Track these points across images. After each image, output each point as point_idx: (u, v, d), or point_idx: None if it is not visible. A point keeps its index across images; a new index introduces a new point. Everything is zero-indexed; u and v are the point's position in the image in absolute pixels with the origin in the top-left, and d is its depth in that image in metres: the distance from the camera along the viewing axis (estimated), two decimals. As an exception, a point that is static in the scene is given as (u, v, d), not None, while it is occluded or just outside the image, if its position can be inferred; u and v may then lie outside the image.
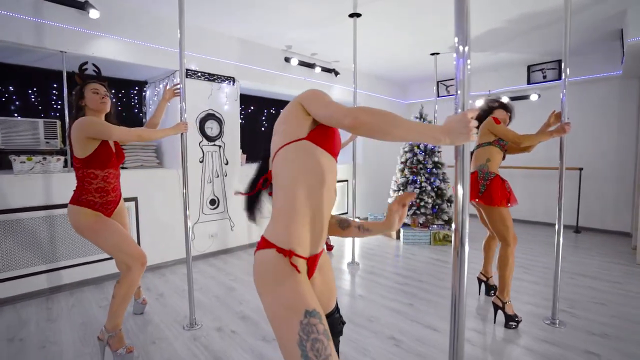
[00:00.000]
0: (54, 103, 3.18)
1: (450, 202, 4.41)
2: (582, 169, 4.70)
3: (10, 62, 2.99)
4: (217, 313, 2.38)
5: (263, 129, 5.05)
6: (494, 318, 2.22)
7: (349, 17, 3.26)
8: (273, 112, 5.17)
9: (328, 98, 0.90)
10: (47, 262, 2.71)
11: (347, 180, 5.45)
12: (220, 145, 3.82)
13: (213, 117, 3.72)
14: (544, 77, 4.85)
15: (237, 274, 3.19)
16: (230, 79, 3.85)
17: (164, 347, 1.97)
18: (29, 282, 2.63)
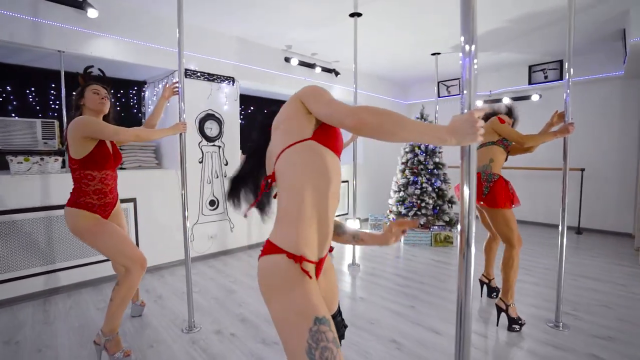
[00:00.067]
0: (52, 103, 3.16)
1: (451, 203, 4.39)
2: (584, 170, 4.68)
3: (8, 61, 2.96)
4: (216, 315, 2.36)
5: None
6: (497, 321, 2.19)
7: (350, 16, 3.24)
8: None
9: (328, 95, 0.87)
10: (44, 263, 2.68)
11: (347, 181, 5.43)
12: (220, 146, 3.80)
13: (212, 117, 3.69)
14: (546, 77, 4.82)
15: (236, 276, 3.16)
16: (230, 79, 3.82)
17: (162, 350, 1.94)
18: (26, 284, 2.60)
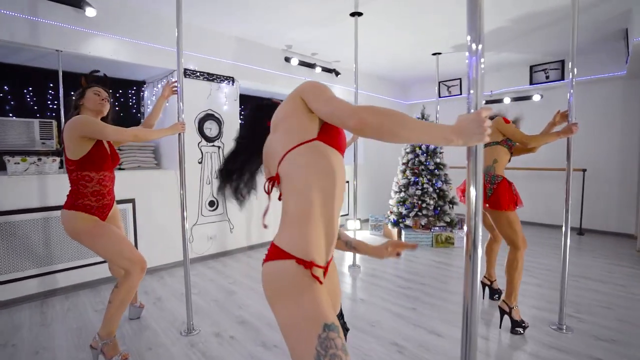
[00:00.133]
0: (50, 103, 3.13)
1: (453, 203, 4.36)
2: (585, 170, 4.66)
3: (6, 61, 2.94)
4: (215, 318, 2.33)
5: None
6: (500, 323, 2.17)
7: (350, 16, 3.21)
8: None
9: (329, 92, 0.84)
10: (42, 265, 2.65)
11: (347, 181, 5.39)
12: (220, 146, 3.77)
13: (212, 117, 3.67)
14: (547, 77, 4.80)
15: (236, 277, 3.14)
16: (230, 79, 3.80)
17: (161, 353, 1.91)
18: (23, 285, 2.57)
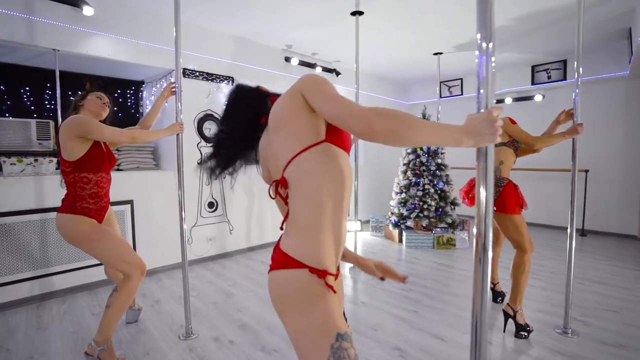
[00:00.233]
0: (47, 103, 3.09)
1: (454, 205, 4.32)
2: (587, 171, 4.62)
3: (2, 60, 2.89)
4: (214, 321, 2.29)
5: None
6: (504, 327, 2.13)
7: (351, 15, 3.18)
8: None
9: (331, 89, 0.78)
10: (38, 267, 2.61)
11: (348, 182, 5.36)
12: (219, 147, 3.73)
13: (211, 117, 3.63)
14: (549, 77, 4.77)
15: (235, 279, 3.10)
16: (230, 79, 3.76)
17: (158, 357, 1.87)
18: (19, 288, 2.53)
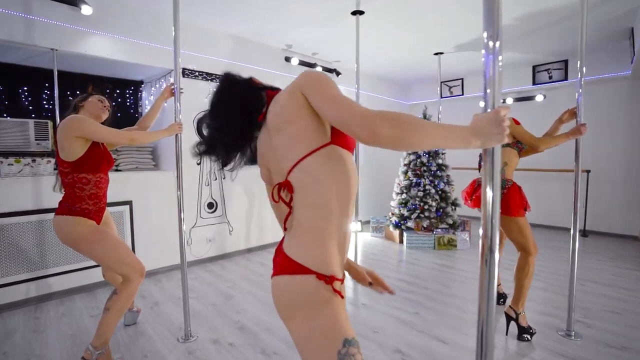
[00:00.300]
0: (46, 103, 3.06)
1: (455, 205, 4.30)
2: (589, 171, 4.60)
3: None
4: (213, 323, 2.27)
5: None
6: (506, 329, 2.11)
7: (352, 14, 3.16)
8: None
9: (333, 88, 0.73)
10: (35, 268, 2.58)
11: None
12: (219, 147, 3.70)
13: (211, 117, 3.60)
14: (550, 77, 4.75)
15: (235, 280, 3.07)
16: (229, 79, 3.73)
17: (157, 361, 1.85)
18: (16, 290, 2.50)
